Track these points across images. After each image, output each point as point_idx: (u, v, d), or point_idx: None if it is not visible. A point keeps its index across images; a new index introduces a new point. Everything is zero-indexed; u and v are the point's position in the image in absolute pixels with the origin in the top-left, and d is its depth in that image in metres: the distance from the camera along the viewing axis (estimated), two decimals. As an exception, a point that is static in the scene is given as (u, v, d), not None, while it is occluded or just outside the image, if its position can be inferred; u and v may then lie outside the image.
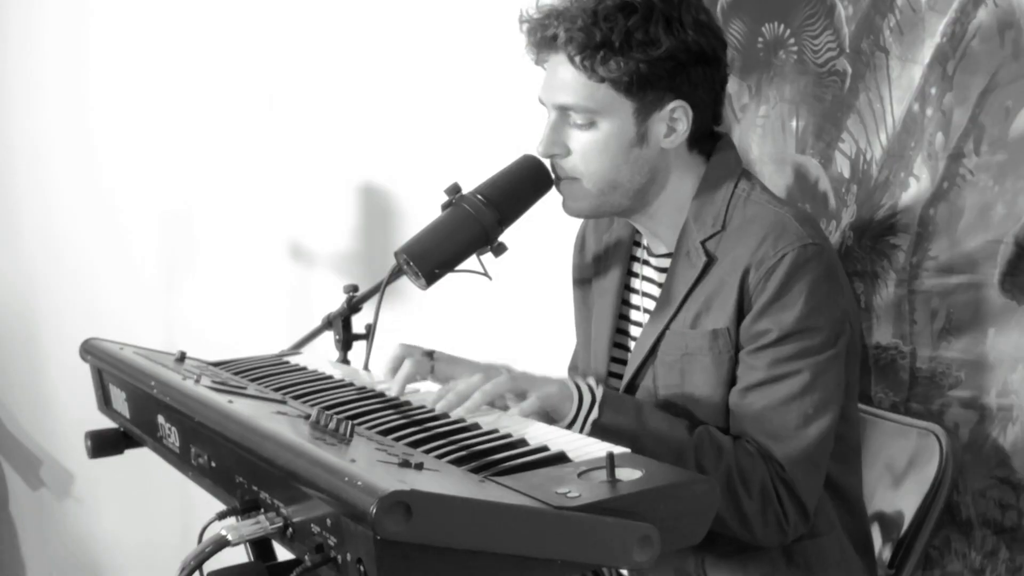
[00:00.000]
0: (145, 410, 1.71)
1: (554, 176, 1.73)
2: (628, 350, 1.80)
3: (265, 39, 2.94)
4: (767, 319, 1.60)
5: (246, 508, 1.37)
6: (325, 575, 1.22)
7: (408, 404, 1.60)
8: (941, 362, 1.95)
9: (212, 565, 1.34)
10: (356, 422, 1.44)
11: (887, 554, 1.85)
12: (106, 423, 1.89)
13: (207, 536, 1.35)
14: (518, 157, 1.79)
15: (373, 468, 1.20)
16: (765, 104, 2.25)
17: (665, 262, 1.75)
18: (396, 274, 1.85)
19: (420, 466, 1.23)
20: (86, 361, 1.89)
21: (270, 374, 1.82)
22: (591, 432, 1.57)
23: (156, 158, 3.19)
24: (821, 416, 1.60)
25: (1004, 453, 1.88)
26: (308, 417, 1.44)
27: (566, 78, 1.64)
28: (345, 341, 2.11)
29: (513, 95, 2.13)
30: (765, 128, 2.25)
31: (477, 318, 2.54)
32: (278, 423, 1.41)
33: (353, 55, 2.81)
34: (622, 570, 1.70)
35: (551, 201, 1.77)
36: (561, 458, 1.34)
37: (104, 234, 3.33)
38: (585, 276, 1.92)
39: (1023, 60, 1.82)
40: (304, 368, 1.87)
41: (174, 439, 1.61)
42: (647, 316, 1.76)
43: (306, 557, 1.24)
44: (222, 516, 1.40)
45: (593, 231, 1.91)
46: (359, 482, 1.10)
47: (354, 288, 2.13)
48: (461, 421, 1.51)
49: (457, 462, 1.33)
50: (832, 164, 2.13)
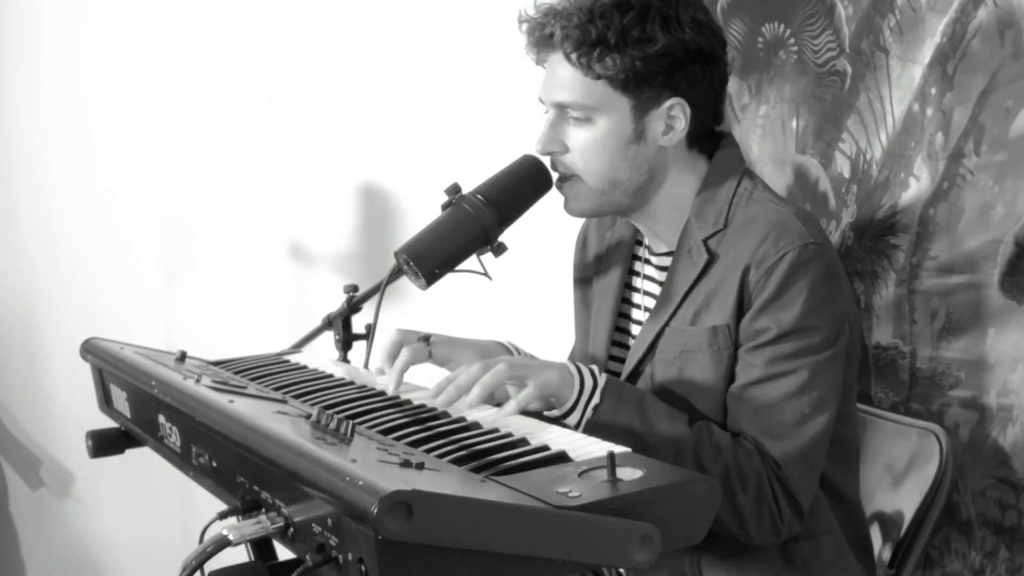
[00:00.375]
0: (146, 410, 1.71)
1: (554, 176, 1.73)
2: (627, 348, 1.80)
3: (265, 39, 2.95)
4: (767, 317, 1.60)
5: (247, 508, 1.37)
6: (326, 575, 1.22)
7: (409, 403, 1.60)
8: (941, 362, 1.95)
9: (213, 565, 1.34)
10: (357, 421, 1.45)
11: (887, 554, 1.85)
12: (107, 423, 1.89)
13: (208, 536, 1.35)
14: (518, 157, 1.79)
15: (374, 468, 1.20)
16: (765, 104, 2.25)
17: (666, 261, 1.75)
18: (396, 274, 1.85)
19: (421, 466, 1.23)
20: (87, 361, 1.89)
21: (270, 373, 1.82)
22: (591, 418, 1.57)
23: (156, 158, 3.20)
24: (818, 415, 1.60)
25: (1004, 453, 1.88)
26: (309, 417, 1.44)
27: (563, 76, 1.65)
28: (345, 341, 2.12)
29: (513, 95, 2.13)
30: (765, 128, 2.25)
31: (477, 318, 2.53)
32: (279, 423, 1.41)
33: (353, 55, 2.81)
34: (620, 569, 1.70)
35: (551, 201, 1.77)
36: (562, 457, 1.34)
37: (104, 234, 3.34)
38: (586, 274, 1.92)
39: (1023, 60, 1.82)
40: (305, 367, 1.87)
41: (175, 439, 1.62)
42: (647, 315, 1.76)
43: (307, 557, 1.24)
44: (223, 516, 1.40)
45: (595, 230, 1.91)
46: (360, 482, 1.10)
47: (354, 288, 2.13)
48: (462, 420, 1.51)
49: (458, 462, 1.33)
50: (832, 164, 2.13)
